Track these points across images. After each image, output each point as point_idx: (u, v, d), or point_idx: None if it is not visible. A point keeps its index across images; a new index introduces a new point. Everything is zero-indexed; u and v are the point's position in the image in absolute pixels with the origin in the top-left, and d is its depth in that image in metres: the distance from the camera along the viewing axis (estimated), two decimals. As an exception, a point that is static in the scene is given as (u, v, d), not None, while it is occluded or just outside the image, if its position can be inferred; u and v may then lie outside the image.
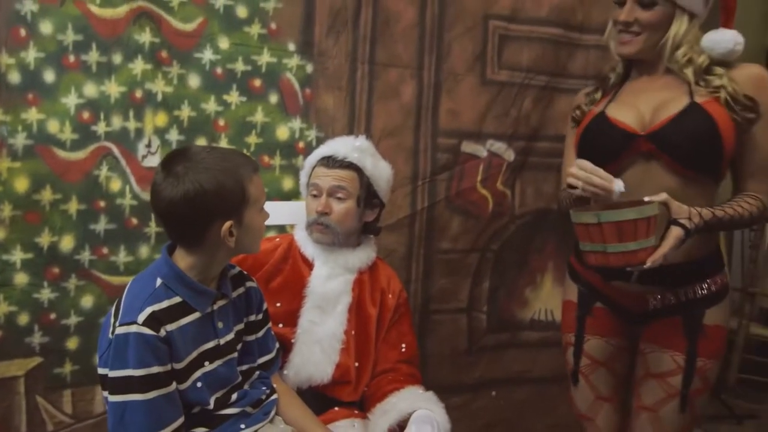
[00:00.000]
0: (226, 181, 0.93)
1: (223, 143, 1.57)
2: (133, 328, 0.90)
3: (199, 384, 0.97)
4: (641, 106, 1.18)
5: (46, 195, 1.42)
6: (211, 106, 1.55)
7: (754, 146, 1.14)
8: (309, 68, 1.62)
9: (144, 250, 1.52)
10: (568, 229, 1.30)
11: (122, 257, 1.50)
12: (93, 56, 1.42)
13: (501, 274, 1.87)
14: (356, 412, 1.18)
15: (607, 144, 1.19)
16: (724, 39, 1.14)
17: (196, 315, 0.98)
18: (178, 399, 0.95)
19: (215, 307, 1.03)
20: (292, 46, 1.60)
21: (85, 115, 1.44)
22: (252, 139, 1.60)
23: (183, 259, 0.99)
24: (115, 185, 1.48)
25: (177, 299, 0.97)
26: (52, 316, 1.45)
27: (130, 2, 1.44)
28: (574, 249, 1.34)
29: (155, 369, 0.90)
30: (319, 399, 1.16)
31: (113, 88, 1.45)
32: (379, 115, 1.69)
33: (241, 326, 1.08)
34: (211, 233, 0.95)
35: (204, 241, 0.96)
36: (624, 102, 1.22)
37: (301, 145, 1.65)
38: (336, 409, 1.16)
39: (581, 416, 1.35)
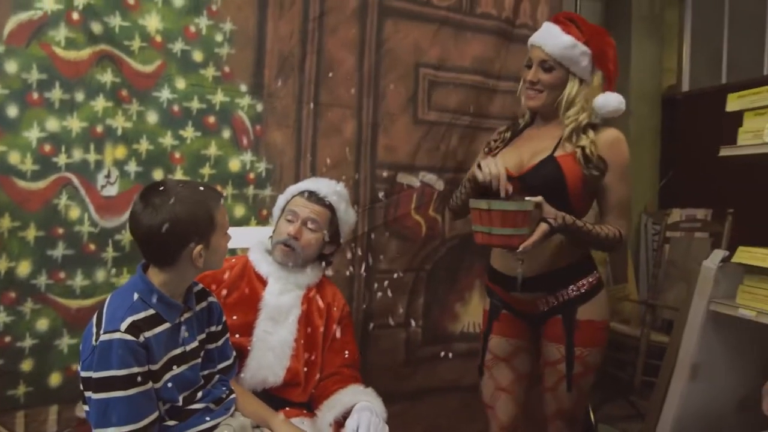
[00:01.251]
0: (198, 211, 1.09)
1: (179, 174, 1.69)
2: (117, 335, 1.03)
3: (169, 384, 1.10)
4: (523, 152, 1.47)
5: (5, 222, 1.49)
6: (167, 140, 1.68)
7: (609, 191, 1.43)
8: (259, 107, 1.79)
9: (101, 275, 1.60)
10: (488, 252, 1.56)
11: (79, 281, 1.58)
12: (56, 94, 1.53)
13: (434, 291, 2.08)
14: (305, 411, 1.33)
15: (489, 185, 1.39)
16: (611, 101, 1.43)
17: (167, 325, 1.12)
18: (155, 396, 1.07)
19: (182, 318, 1.16)
20: (244, 88, 1.76)
21: (47, 147, 1.53)
22: (206, 171, 1.74)
23: (156, 276, 1.12)
24: (74, 213, 1.57)
25: (151, 311, 1.10)
26: (7, 339, 1.50)
27: (93, 45, 1.56)
28: (487, 272, 1.59)
29: (135, 369, 1.03)
30: (271, 400, 1.29)
31: (75, 123, 1.55)
32: (324, 150, 1.87)
33: (203, 336, 1.21)
34: (182, 255, 1.09)
35: (176, 261, 1.10)
36: (515, 147, 1.50)
37: (251, 176, 1.80)
38: (287, 409, 1.30)
39: (485, 405, 1.58)
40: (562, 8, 2.27)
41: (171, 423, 1.10)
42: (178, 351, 1.13)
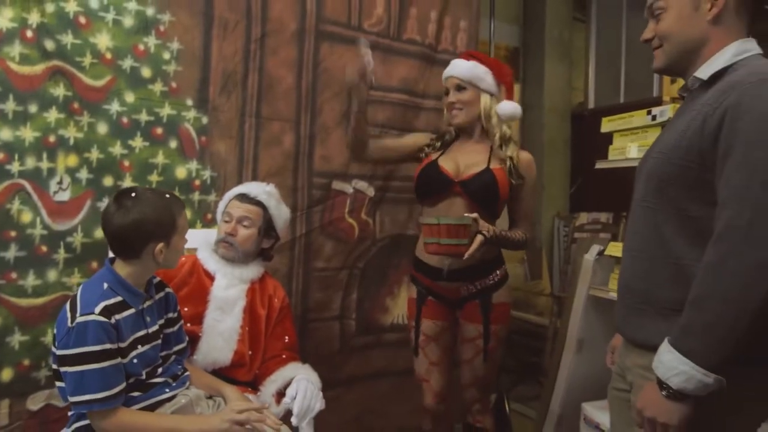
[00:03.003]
0: (163, 213, 1.27)
1: (128, 181, 1.83)
2: (92, 317, 1.19)
3: (135, 360, 1.26)
4: (460, 161, 1.75)
5: (-43, 226, 1.58)
6: (117, 149, 1.81)
7: (522, 201, 1.78)
8: (204, 120, 1.95)
9: (52, 275, 1.71)
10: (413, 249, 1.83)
11: (30, 281, 1.68)
12: (10, 106, 1.63)
13: (366, 287, 2.30)
14: (250, 390, 1.51)
15: (436, 182, 1.74)
16: (509, 107, 1.76)
17: (132, 310, 1.28)
18: (123, 370, 1.24)
19: (144, 305, 1.33)
20: (190, 102, 1.92)
21: (0, 155, 1.63)
22: (154, 178, 1.88)
23: (122, 269, 1.29)
24: (27, 217, 1.67)
25: (119, 298, 1.26)
26: (-42, 336, 1.59)
27: (46, 61, 1.67)
28: (413, 264, 1.84)
29: (108, 346, 1.20)
30: (221, 379, 1.47)
31: (28, 133, 1.66)
32: (264, 160, 2.05)
33: (162, 321, 1.38)
34: (146, 251, 1.26)
35: (140, 256, 1.27)
36: (450, 156, 1.78)
37: (197, 183, 1.95)
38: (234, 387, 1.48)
39: (420, 379, 1.84)
40: (479, 36, 2.58)
41: (136, 394, 1.26)
42: (141, 333, 1.30)
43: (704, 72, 1.05)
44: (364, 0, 2.22)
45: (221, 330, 1.50)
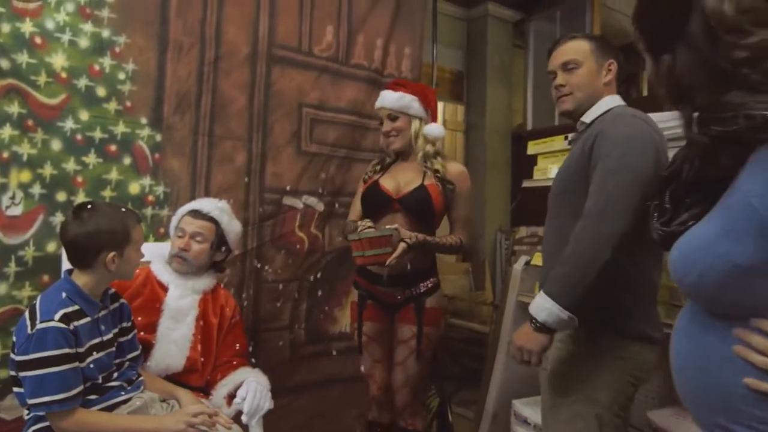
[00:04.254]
0: (117, 225, 1.35)
1: (81, 196, 1.88)
2: (52, 323, 1.26)
3: (91, 365, 1.33)
4: (399, 180, 1.92)
5: None
6: (70, 165, 1.86)
7: (457, 209, 1.95)
8: (158, 137, 2.03)
9: (2, 288, 1.73)
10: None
11: (-20, 294, 1.70)
12: (-38, 122, 1.67)
13: (315, 298, 2.41)
14: (202, 394, 1.59)
15: (378, 200, 1.91)
16: (434, 128, 1.94)
17: (88, 319, 1.36)
18: (80, 373, 1.30)
19: (100, 314, 1.40)
20: (144, 120, 1.99)
21: (-48, 171, 1.65)
22: (107, 193, 1.93)
23: (79, 279, 1.36)
24: (-22, 231, 1.70)
25: (76, 307, 1.33)
26: None
27: (1, 79, 1.72)
28: (357, 271, 1.97)
29: (67, 350, 1.27)
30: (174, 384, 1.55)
31: (-19, 150, 1.70)
32: (217, 176, 2.14)
33: (116, 330, 1.45)
34: (99, 260, 1.33)
35: (93, 265, 1.34)
36: (391, 176, 1.95)
37: (150, 198, 2.02)
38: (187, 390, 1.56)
39: (366, 375, 2.00)
40: (422, 62, 2.76)
41: (92, 397, 1.33)
42: (97, 340, 1.38)
43: (588, 117, 1.43)
44: (314, 27, 2.37)
45: (174, 338, 1.57)
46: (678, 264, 0.80)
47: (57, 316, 1.27)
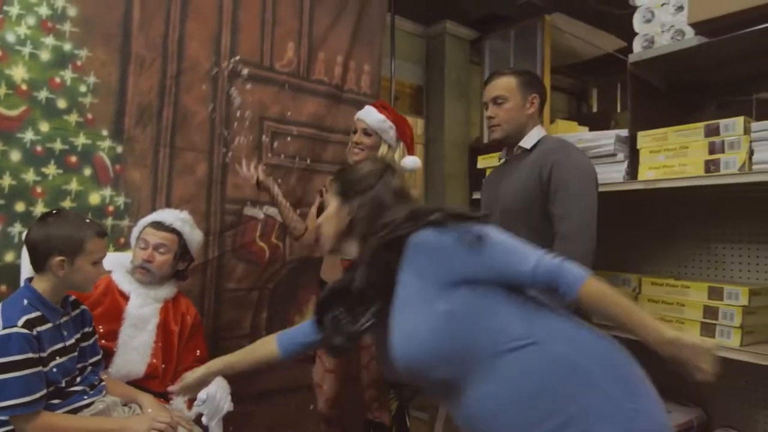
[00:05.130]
0: (71, 232, 1.38)
1: (40, 207, 1.89)
2: (14, 329, 1.29)
3: (54, 370, 1.36)
4: None
5: None
6: (30, 176, 1.87)
7: None
8: (119, 149, 2.06)
9: (-43, 299, 1.73)
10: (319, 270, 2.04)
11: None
12: None
13: (276, 306, 2.46)
14: (162, 400, 1.63)
15: None
16: (410, 162, 2.02)
17: (50, 324, 1.39)
18: (44, 377, 1.33)
19: (62, 320, 1.43)
20: (105, 132, 2.02)
21: None
22: (67, 203, 1.95)
23: (39, 285, 1.40)
24: (-68, 242, 1.69)
25: (38, 313, 1.36)
26: None
27: (-42, 91, 1.73)
28: (317, 283, 2.05)
29: (30, 355, 1.29)
30: (134, 390, 1.59)
31: (-63, 160, 1.69)
32: (178, 187, 2.18)
33: (78, 335, 1.48)
34: (49, 264, 1.36)
35: (45, 269, 1.37)
36: None
37: (110, 208, 2.05)
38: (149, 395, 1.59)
39: (315, 385, 2.04)
40: (380, 80, 2.87)
41: (56, 401, 1.36)
42: (59, 345, 1.41)
43: (527, 143, 1.72)
44: (275, 43, 2.44)
45: (135, 345, 1.61)
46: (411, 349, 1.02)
47: (20, 323, 1.30)
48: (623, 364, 1.02)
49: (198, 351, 1.76)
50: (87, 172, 2.00)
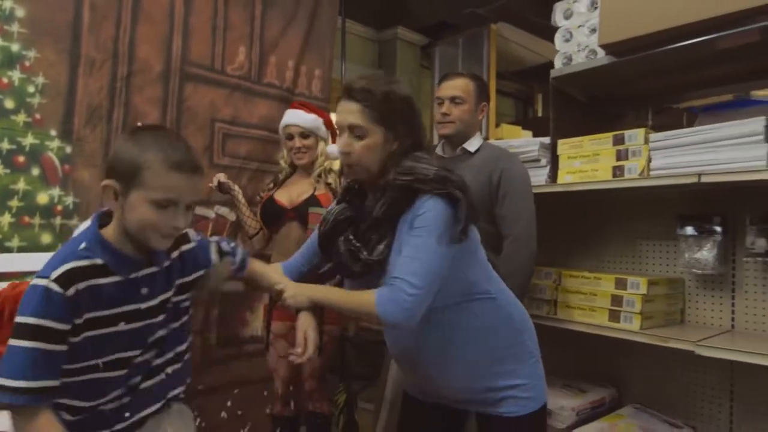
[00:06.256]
0: (137, 155, 1.00)
1: (-14, 206, 1.90)
2: (44, 282, 0.97)
3: (108, 340, 1.03)
4: (293, 192, 2.13)
5: None
6: (-24, 176, 1.88)
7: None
8: (68, 149, 2.08)
9: None
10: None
11: None
12: None
13: (227, 303, 2.54)
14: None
15: (273, 212, 2.15)
16: (334, 149, 2.16)
17: (116, 278, 1.04)
18: (59, 362, 0.97)
19: (139, 273, 1.07)
20: (54, 132, 2.04)
21: None
22: (14, 203, 1.97)
23: (110, 226, 1.07)
24: None
25: (97, 261, 1.02)
26: None
27: None
28: None
29: (48, 323, 0.95)
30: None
31: None
32: (129, 187, 2.23)
33: (167, 294, 1.12)
34: (106, 192, 1.04)
35: (104, 197, 1.05)
36: (286, 190, 2.17)
37: (59, 208, 2.07)
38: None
39: (271, 369, 2.18)
40: (330, 83, 2.98)
41: (84, 402, 1.04)
42: (130, 307, 1.06)
43: (471, 147, 1.87)
44: (227, 47, 2.51)
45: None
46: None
47: (55, 273, 0.97)
48: (531, 323, 1.38)
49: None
50: (35, 171, 2.02)
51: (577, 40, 1.78)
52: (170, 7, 2.33)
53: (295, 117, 2.18)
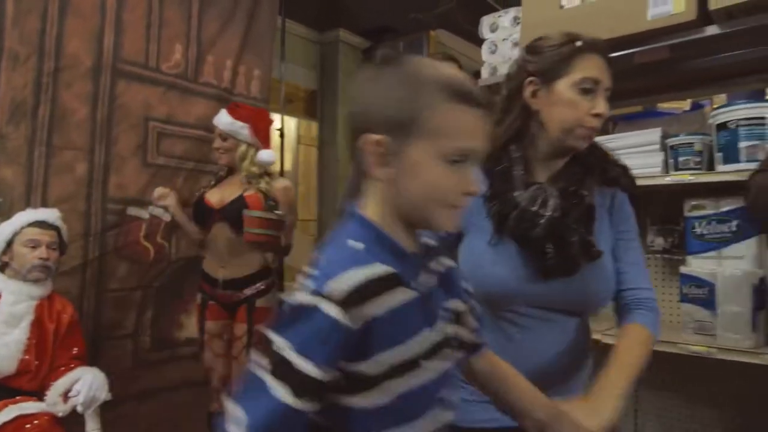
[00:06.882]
0: (412, 93, 0.65)
1: None
2: (324, 305, 0.59)
3: (403, 398, 0.64)
4: (224, 193, 2.15)
5: None
6: None
7: (285, 217, 2.21)
8: (-11, 146, 1.99)
9: None
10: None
11: None
12: None
13: (162, 305, 2.48)
14: (35, 399, 1.63)
15: (202, 213, 2.17)
16: (264, 155, 2.19)
17: (410, 294, 0.66)
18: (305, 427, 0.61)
19: (429, 285, 0.72)
20: (-28, 128, 1.95)
21: None
22: (-72, 202, 1.86)
23: (369, 210, 0.70)
24: None
25: (386, 270, 0.64)
26: None
27: None
28: (201, 276, 2.15)
29: (312, 370, 0.59)
30: (3, 390, 1.58)
31: None
32: (55, 186, 2.14)
33: (451, 307, 0.75)
34: (360, 153, 0.68)
35: (359, 165, 0.70)
36: (218, 190, 2.19)
37: (-22, 207, 1.98)
38: (18, 397, 1.59)
39: (207, 368, 2.18)
40: (270, 84, 2.98)
41: None
42: (434, 336, 0.68)
43: None
44: (162, 44, 2.47)
45: (6, 341, 1.61)
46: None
47: (341, 292, 0.60)
48: None
49: (75, 348, 1.78)
50: (-49, 169, 1.92)
51: (502, 52, 1.89)
52: (101, 1, 2.26)
53: (217, 118, 2.21)
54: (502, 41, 1.89)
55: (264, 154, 2.17)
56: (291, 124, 4.41)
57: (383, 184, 0.69)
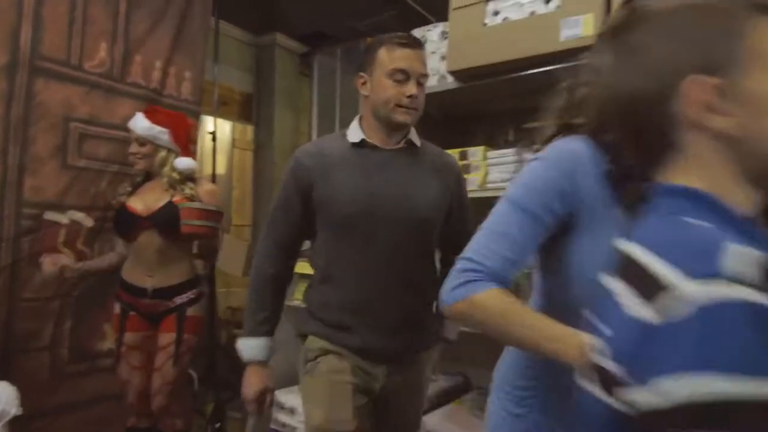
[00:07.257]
0: (717, 21, 0.56)
1: None
2: (728, 292, 0.45)
3: None
4: (148, 199, 2.10)
5: None
6: None
7: None
8: None
9: None
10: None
11: None
12: None
13: (81, 315, 2.36)
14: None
15: (127, 221, 2.09)
16: (184, 162, 2.16)
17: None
18: None
19: None
20: None
21: None
22: None
23: (689, 179, 0.58)
24: None
25: (754, 252, 0.49)
26: None
27: None
28: (119, 284, 2.10)
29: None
30: None
31: None
32: (-37, 188, 2.01)
33: None
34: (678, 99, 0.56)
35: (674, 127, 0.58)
36: (140, 197, 2.14)
37: None
38: None
39: (123, 381, 2.10)
40: (202, 86, 2.91)
41: None
42: None
43: (416, 140, 1.46)
44: (85, 42, 2.36)
45: None
46: None
47: (737, 267, 0.47)
48: None
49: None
50: None
51: (431, 65, 1.96)
52: (18, -6, 2.14)
53: (133, 122, 2.14)
54: (431, 54, 1.96)
55: (181, 161, 2.13)
56: (225, 127, 4.32)
57: (712, 141, 0.56)
